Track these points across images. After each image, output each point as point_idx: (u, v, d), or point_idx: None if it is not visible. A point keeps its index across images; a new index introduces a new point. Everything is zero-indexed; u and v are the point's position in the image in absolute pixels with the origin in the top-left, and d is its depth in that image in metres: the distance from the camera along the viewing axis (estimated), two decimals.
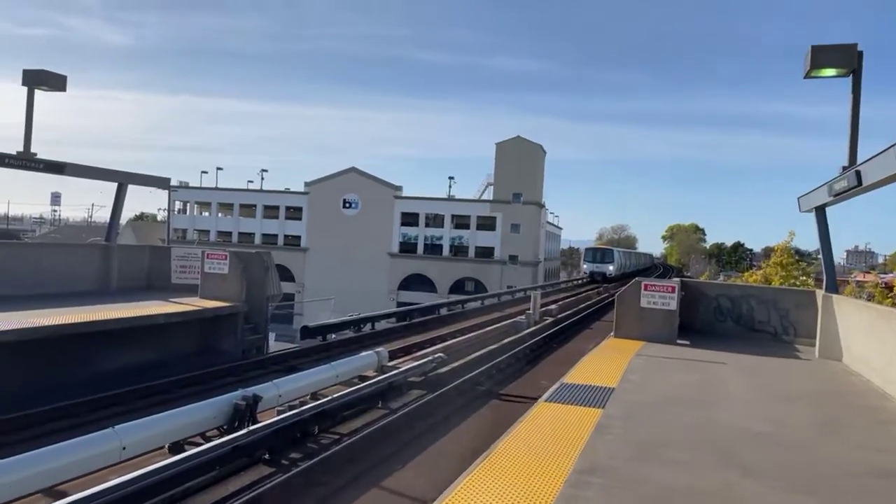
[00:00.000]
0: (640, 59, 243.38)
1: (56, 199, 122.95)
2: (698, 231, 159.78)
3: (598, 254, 58.57)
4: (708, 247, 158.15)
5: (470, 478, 4.90)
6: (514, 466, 5.19)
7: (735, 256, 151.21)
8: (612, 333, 13.94)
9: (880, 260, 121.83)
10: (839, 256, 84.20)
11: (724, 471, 5.38)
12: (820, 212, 12.18)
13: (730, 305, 14.56)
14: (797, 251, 27.54)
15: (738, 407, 7.83)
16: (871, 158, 8.45)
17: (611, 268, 56.54)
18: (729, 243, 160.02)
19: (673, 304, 12.94)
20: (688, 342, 12.82)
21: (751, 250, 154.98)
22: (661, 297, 13.02)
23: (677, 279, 17.68)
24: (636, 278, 13.74)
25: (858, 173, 8.91)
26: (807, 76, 10.49)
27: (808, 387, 9.37)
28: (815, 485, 5.20)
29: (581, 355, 17.54)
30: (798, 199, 13.19)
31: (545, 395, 7.78)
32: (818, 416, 7.58)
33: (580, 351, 18.93)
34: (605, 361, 10.26)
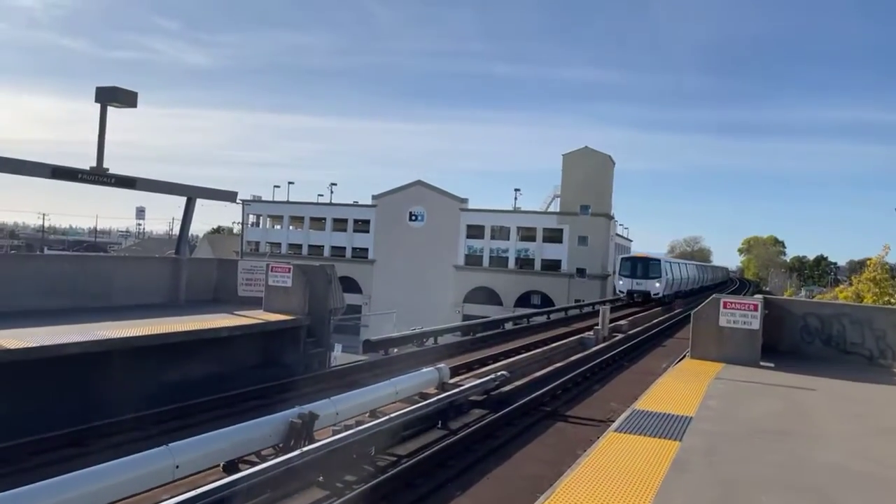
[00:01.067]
0: (714, 66, 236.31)
1: (140, 213, 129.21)
2: (777, 244, 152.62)
3: (639, 266, 43.62)
4: (788, 260, 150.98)
5: None
6: None
7: (818, 270, 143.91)
8: (687, 353, 13.08)
9: None
10: None
11: None
12: None
13: (819, 325, 13.42)
14: (891, 267, 25.64)
15: (833, 441, 7.00)
16: None
17: (657, 285, 42.25)
18: (811, 256, 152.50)
19: (755, 324, 12.00)
20: (772, 364, 11.85)
21: (835, 264, 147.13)
22: (741, 316, 12.10)
23: (759, 296, 16.54)
24: (714, 295, 12.84)
25: None
26: None
27: None
28: None
29: (653, 375, 16.70)
30: None
31: (615, 425, 7.16)
32: None
33: (652, 370, 18.04)
34: (681, 385, 9.51)
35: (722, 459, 6.07)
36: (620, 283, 43.74)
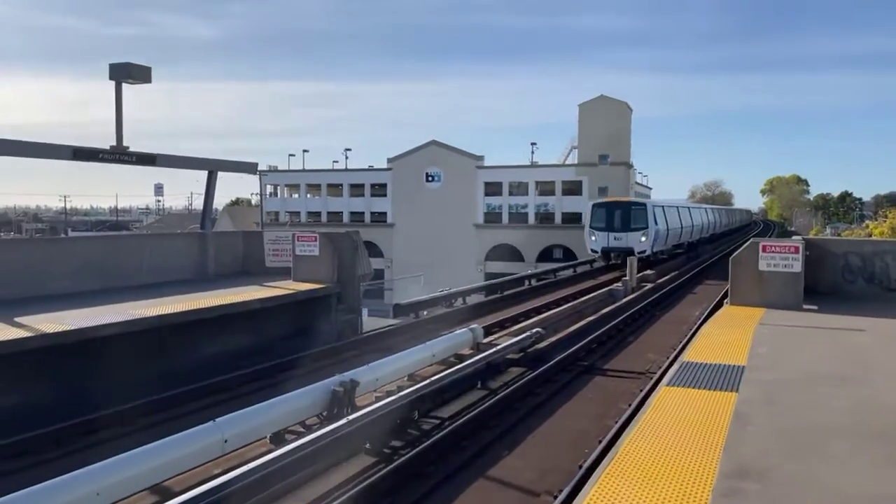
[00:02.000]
0: (728, 3, 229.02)
1: (159, 189, 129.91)
2: (801, 182, 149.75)
3: (616, 214, 32.03)
4: (812, 199, 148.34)
5: (597, 487, 4.25)
6: (647, 470, 4.50)
7: (843, 207, 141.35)
8: (724, 301, 12.82)
9: None
10: None
11: None
12: None
13: (860, 264, 13.05)
14: None
15: (894, 383, 6.77)
16: None
17: (642, 239, 31.20)
18: (835, 193, 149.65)
19: (797, 266, 11.67)
20: (815, 307, 11.56)
21: (860, 200, 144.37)
22: (782, 259, 11.78)
23: (799, 237, 16.13)
24: (752, 239, 12.49)
25: None
26: None
27: None
28: None
29: (686, 324, 16.48)
30: None
31: (666, 379, 6.99)
32: None
33: (685, 319, 17.83)
34: (726, 334, 9.28)
35: (784, 408, 5.88)
36: (593, 238, 31.88)
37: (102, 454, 6.71)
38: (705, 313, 16.16)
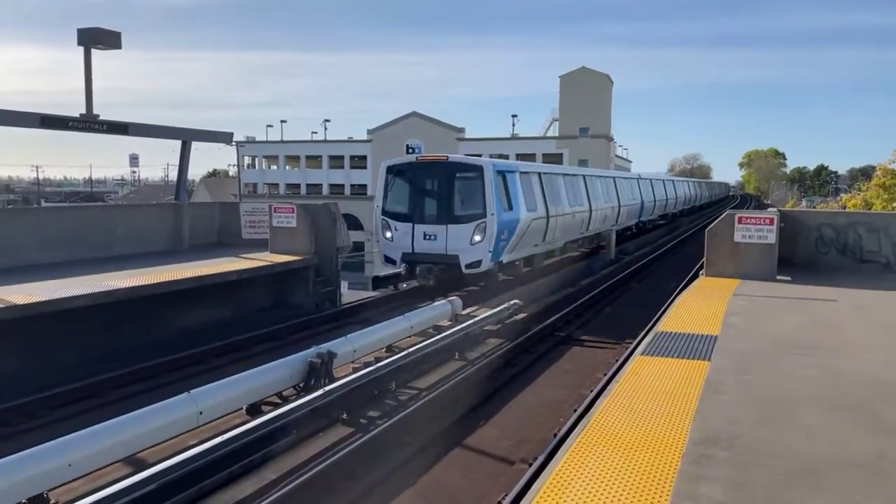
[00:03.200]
0: None
1: (134, 160, 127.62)
2: (778, 156, 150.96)
3: (428, 188, 16.87)
4: (789, 172, 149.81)
5: (569, 454, 4.28)
6: (619, 437, 4.54)
7: (818, 181, 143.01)
8: (700, 272, 12.93)
9: None
10: None
11: (872, 436, 4.57)
12: None
13: (834, 235, 13.22)
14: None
15: (864, 353, 6.89)
16: None
17: (476, 238, 15.77)
18: (811, 167, 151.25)
19: (771, 238, 11.78)
20: (789, 278, 11.71)
21: (835, 173, 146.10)
22: (757, 231, 11.88)
23: (774, 209, 16.27)
24: (728, 211, 12.58)
25: None
26: None
27: None
28: None
29: (664, 294, 16.63)
30: None
31: (641, 348, 7.04)
32: None
33: (662, 290, 17.99)
34: (700, 304, 9.37)
35: (755, 377, 5.96)
36: (388, 236, 16.95)
37: (74, 427, 6.63)
38: (687, 285, 16.32)
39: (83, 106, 13.46)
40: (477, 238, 15.86)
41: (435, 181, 16.78)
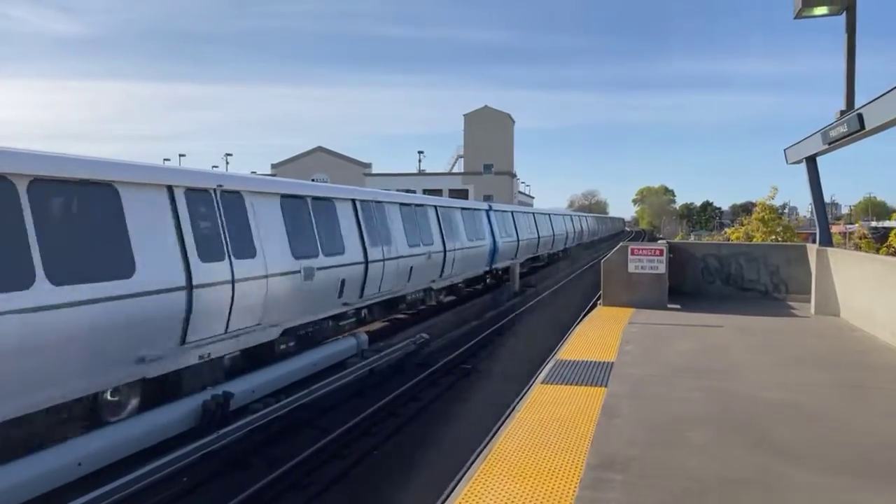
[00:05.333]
0: (599, 25, 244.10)
1: None
2: (668, 192, 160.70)
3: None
4: (678, 208, 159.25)
5: (471, 485, 4.22)
6: (519, 465, 4.53)
7: (704, 216, 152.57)
8: (600, 302, 13.38)
9: (844, 210, 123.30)
10: (804, 209, 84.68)
11: (757, 453, 4.78)
12: (811, 162, 11.66)
13: (718, 265, 14.05)
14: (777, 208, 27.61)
15: (748, 374, 7.27)
16: (876, 99, 7.87)
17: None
18: (698, 203, 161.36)
19: (661, 268, 12.38)
20: (678, 306, 12.30)
21: (719, 209, 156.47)
22: (649, 262, 12.45)
23: (664, 241, 17.14)
24: (622, 243, 13.14)
25: (860, 117, 8.33)
26: (797, 16, 9.86)
27: (814, 345, 8.88)
28: (860, 464, 4.63)
29: (566, 325, 17.06)
30: (785, 150, 12.66)
31: (542, 376, 7.13)
32: (836, 379, 7.06)
33: (563, 321, 18.48)
34: (597, 332, 9.65)
35: (648, 401, 6.15)
36: None
37: None
38: (585, 314, 16.82)
39: None
40: None
41: None
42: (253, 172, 78.82)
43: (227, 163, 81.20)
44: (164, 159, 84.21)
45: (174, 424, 8.21)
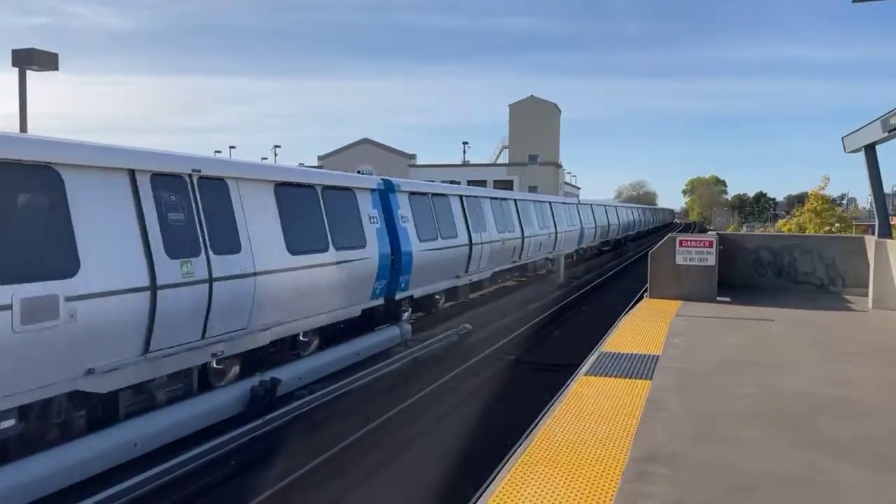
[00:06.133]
0: (649, 11, 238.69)
1: None
2: (719, 183, 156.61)
3: None
4: (730, 198, 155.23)
5: (510, 475, 4.22)
6: (560, 457, 4.51)
7: (758, 207, 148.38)
8: (646, 294, 13.17)
9: None
10: (863, 200, 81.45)
11: (806, 450, 4.65)
12: (870, 151, 11.22)
13: (770, 257, 13.66)
14: (832, 199, 26.58)
15: (800, 369, 7.07)
16: None
17: None
18: (751, 194, 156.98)
19: (711, 260, 12.10)
20: (728, 299, 12.01)
21: (773, 200, 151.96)
22: (697, 253, 12.18)
23: (714, 232, 16.74)
24: (670, 235, 12.88)
25: None
26: (856, 0, 9.47)
27: (870, 341, 8.58)
28: None
29: (611, 317, 16.86)
30: (843, 139, 12.19)
31: (585, 368, 7.07)
32: (891, 375, 6.81)
33: (609, 312, 18.26)
34: (643, 325, 9.51)
35: (695, 395, 6.04)
36: None
37: None
38: (631, 307, 16.60)
39: (17, 130, 12.97)
40: None
41: None
42: (301, 164, 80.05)
43: (276, 154, 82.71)
44: (216, 151, 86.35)
45: (224, 408, 8.44)
